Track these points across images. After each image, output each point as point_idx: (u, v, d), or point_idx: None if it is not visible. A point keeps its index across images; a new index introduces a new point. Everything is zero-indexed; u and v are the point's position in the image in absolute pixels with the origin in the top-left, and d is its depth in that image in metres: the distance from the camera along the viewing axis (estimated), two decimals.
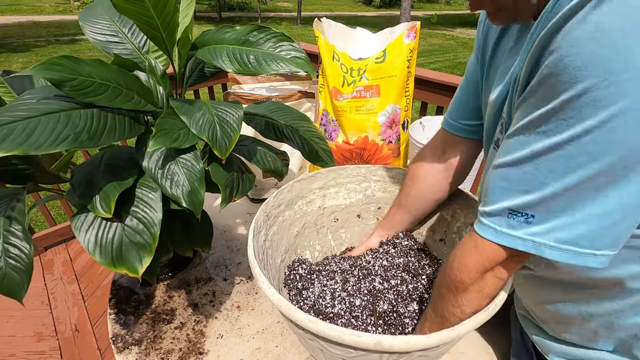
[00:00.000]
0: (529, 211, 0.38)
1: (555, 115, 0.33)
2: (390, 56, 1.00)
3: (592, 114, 0.31)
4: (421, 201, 0.74)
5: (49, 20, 11.38)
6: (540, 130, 0.35)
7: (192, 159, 0.60)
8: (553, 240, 0.37)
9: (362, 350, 0.44)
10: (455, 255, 0.48)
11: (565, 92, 0.32)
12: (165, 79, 0.68)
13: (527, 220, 0.38)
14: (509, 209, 0.39)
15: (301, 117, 0.85)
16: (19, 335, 1.23)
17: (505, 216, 0.40)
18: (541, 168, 0.36)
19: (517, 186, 0.38)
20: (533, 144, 0.36)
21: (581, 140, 0.32)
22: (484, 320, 0.46)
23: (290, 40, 0.68)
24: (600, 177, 0.33)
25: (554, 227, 0.37)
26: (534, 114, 0.35)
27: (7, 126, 0.46)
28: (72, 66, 0.52)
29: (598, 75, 0.29)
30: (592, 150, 0.32)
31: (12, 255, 0.55)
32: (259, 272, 0.53)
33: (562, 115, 0.33)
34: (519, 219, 0.39)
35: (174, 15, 0.61)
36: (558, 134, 0.33)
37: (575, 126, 0.32)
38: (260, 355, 0.69)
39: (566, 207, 0.36)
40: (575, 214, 0.35)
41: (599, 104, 0.30)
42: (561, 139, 0.33)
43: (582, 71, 0.30)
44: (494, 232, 0.41)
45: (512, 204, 0.39)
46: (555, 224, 0.37)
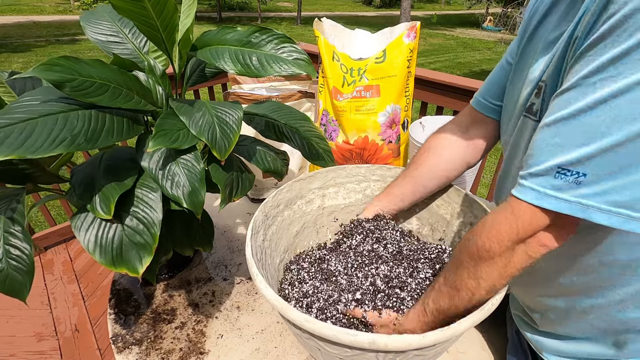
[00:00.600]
0: (581, 169, 0.33)
1: (628, 56, 0.30)
2: (390, 56, 1.00)
3: None
4: (431, 175, 0.70)
5: (49, 20, 11.39)
6: (607, 75, 0.31)
7: (193, 159, 0.60)
8: (605, 202, 0.33)
9: (358, 349, 0.45)
10: (487, 222, 0.44)
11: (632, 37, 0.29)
12: (165, 79, 0.68)
13: (577, 180, 0.34)
14: (558, 166, 0.35)
15: (301, 117, 0.85)
16: (19, 335, 1.23)
17: (552, 175, 0.35)
18: (604, 116, 0.32)
19: (571, 140, 0.34)
20: (597, 91, 0.32)
21: None
22: (480, 319, 0.46)
23: (292, 41, 0.68)
24: None
25: (607, 188, 0.33)
26: (598, 60, 0.32)
27: (4, 129, 0.46)
28: (72, 67, 0.52)
29: None
30: None
31: (13, 256, 0.55)
32: (256, 272, 0.53)
33: (628, 61, 0.29)
34: (567, 179, 0.34)
35: (174, 15, 0.61)
36: (629, 75, 0.30)
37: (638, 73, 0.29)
38: (260, 355, 0.69)
39: (625, 164, 0.32)
40: (633, 173, 0.32)
41: None
42: (633, 80, 0.30)
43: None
44: (537, 195, 0.37)
45: (563, 160, 0.34)
46: (608, 185, 0.33)
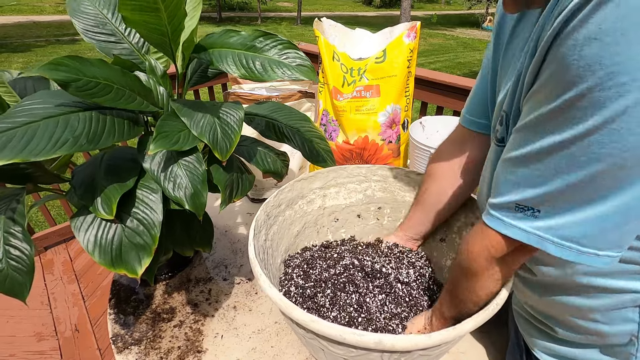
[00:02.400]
0: (535, 206, 0.38)
1: (561, 114, 0.33)
2: (390, 56, 1.00)
3: (595, 114, 0.30)
4: (441, 199, 0.71)
5: (49, 20, 11.39)
6: (547, 128, 0.35)
7: (195, 161, 0.60)
8: (556, 236, 0.37)
9: (363, 349, 0.45)
10: (465, 243, 0.49)
11: (569, 91, 0.32)
12: (166, 80, 0.68)
13: (534, 214, 0.38)
14: (516, 202, 0.40)
15: (301, 117, 0.85)
16: (19, 335, 1.23)
17: (513, 209, 0.40)
18: (547, 165, 0.36)
19: (525, 181, 0.39)
20: (539, 141, 0.36)
21: (584, 141, 0.32)
22: (485, 319, 0.46)
23: (295, 47, 0.69)
24: (603, 178, 0.33)
25: (558, 224, 0.37)
26: (540, 110, 0.35)
27: (6, 133, 0.46)
28: (77, 67, 0.52)
29: (601, 75, 0.29)
30: (595, 151, 0.32)
31: (13, 256, 0.55)
32: (260, 272, 0.53)
33: (567, 114, 0.32)
34: (525, 212, 0.39)
35: (183, 19, 0.61)
36: (563, 132, 0.33)
37: (579, 125, 0.32)
38: (257, 355, 0.69)
39: (569, 205, 0.36)
40: (578, 212, 0.35)
41: (602, 104, 0.30)
42: (565, 137, 0.33)
43: (586, 71, 0.30)
44: (502, 224, 0.42)
45: (519, 198, 0.39)
46: (559, 221, 0.37)
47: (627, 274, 0.43)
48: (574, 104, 0.32)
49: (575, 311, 0.49)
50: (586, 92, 0.30)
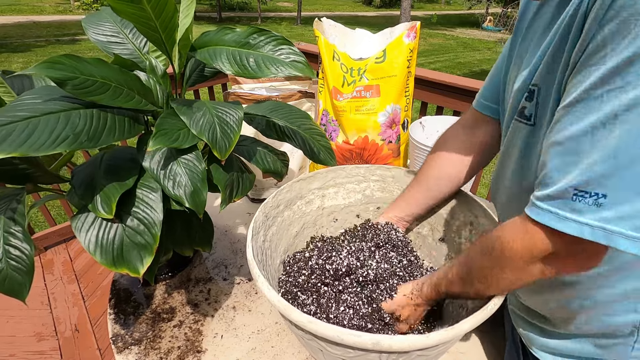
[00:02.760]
0: (601, 189, 0.31)
1: (632, 65, 0.27)
2: (390, 56, 1.00)
3: None
4: (441, 182, 0.70)
5: (49, 20, 11.39)
6: (614, 86, 0.29)
7: (194, 159, 0.60)
8: (630, 227, 0.30)
9: (361, 350, 0.45)
10: (504, 234, 0.41)
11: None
12: (166, 79, 0.68)
13: (597, 202, 0.31)
14: (575, 187, 0.32)
15: (302, 115, 0.85)
16: (19, 335, 1.23)
17: (570, 197, 0.32)
18: (617, 131, 0.29)
19: (586, 158, 0.31)
20: (606, 104, 0.30)
21: None
22: (483, 319, 0.46)
23: (290, 43, 0.68)
24: None
25: (633, 211, 0.30)
26: (602, 70, 0.30)
27: (6, 127, 0.46)
28: (74, 65, 0.52)
29: None
30: None
31: (13, 256, 0.55)
32: (258, 273, 0.53)
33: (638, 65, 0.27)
34: (586, 201, 0.31)
35: (174, 16, 0.61)
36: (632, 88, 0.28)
37: None
38: (256, 355, 0.69)
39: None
40: None
41: None
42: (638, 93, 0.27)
43: None
44: (555, 217, 0.34)
45: (580, 180, 0.32)
46: (634, 208, 0.30)
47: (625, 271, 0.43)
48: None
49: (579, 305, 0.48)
50: None
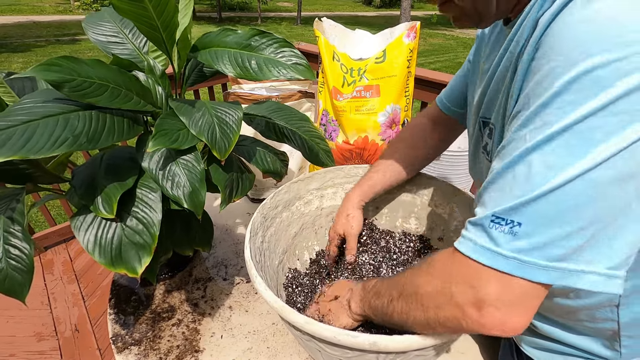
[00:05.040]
0: (516, 217, 0.31)
1: (551, 105, 0.29)
2: (390, 56, 1.00)
3: (592, 94, 0.27)
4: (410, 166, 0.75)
5: (49, 20, 11.39)
6: (534, 126, 0.31)
7: (193, 159, 0.60)
8: (544, 257, 0.31)
9: (359, 350, 0.45)
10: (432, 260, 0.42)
11: (561, 77, 0.29)
12: (164, 79, 0.68)
13: (512, 231, 0.32)
14: (493, 214, 0.33)
15: (301, 118, 0.85)
16: (19, 335, 1.23)
17: (487, 224, 0.33)
18: (534, 165, 0.31)
19: (507, 190, 0.33)
20: (527, 142, 0.31)
21: (581, 126, 0.28)
22: None
23: (291, 46, 0.68)
24: (603, 171, 0.28)
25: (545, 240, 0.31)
26: (528, 112, 0.32)
27: (6, 131, 0.46)
28: (71, 67, 0.52)
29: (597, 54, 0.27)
30: (594, 137, 0.28)
31: (13, 256, 0.55)
32: (255, 274, 0.53)
33: (558, 102, 0.29)
34: (502, 228, 0.32)
35: (174, 15, 0.61)
36: (554, 124, 0.29)
37: (574, 112, 0.28)
38: (252, 355, 0.69)
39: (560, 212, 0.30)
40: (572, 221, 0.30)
41: (600, 84, 0.27)
42: (557, 128, 0.29)
43: (578, 51, 0.28)
44: (472, 246, 0.34)
45: (498, 209, 0.33)
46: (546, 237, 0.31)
47: None
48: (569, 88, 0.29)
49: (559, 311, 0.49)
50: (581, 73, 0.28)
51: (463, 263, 0.35)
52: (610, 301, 0.44)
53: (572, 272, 0.31)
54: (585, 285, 0.31)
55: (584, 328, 0.48)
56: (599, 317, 0.46)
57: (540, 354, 0.54)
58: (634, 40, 0.26)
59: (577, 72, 0.28)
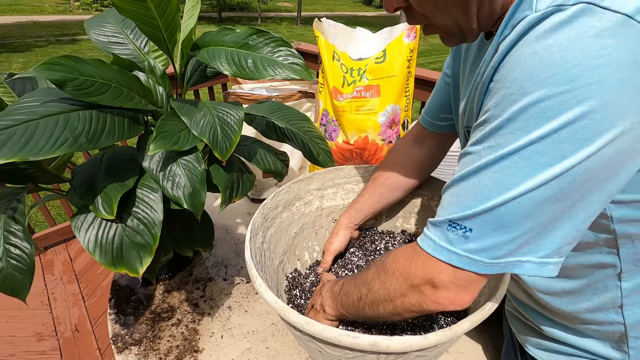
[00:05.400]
0: (468, 224, 0.37)
1: (504, 128, 0.33)
2: (390, 56, 1.00)
3: (538, 124, 0.31)
4: (398, 188, 0.76)
5: (49, 20, 11.39)
6: (489, 144, 0.35)
7: (194, 160, 0.60)
8: (488, 257, 0.37)
9: (359, 351, 0.45)
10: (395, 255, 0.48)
11: (514, 104, 0.32)
12: (165, 79, 0.68)
13: (465, 235, 0.37)
14: (449, 220, 0.38)
15: (302, 118, 0.85)
16: (19, 335, 1.23)
17: (445, 228, 0.39)
18: (485, 180, 0.35)
19: (462, 199, 0.38)
20: (482, 158, 0.36)
21: (525, 151, 0.32)
22: (481, 319, 0.46)
23: (289, 45, 0.68)
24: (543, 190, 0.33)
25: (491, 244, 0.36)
26: (485, 129, 0.36)
27: (5, 131, 0.46)
28: (73, 66, 0.52)
29: (544, 86, 0.30)
30: (537, 161, 0.32)
31: (14, 255, 0.55)
32: (255, 274, 0.53)
33: (510, 127, 0.33)
34: (457, 232, 0.38)
35: (176, 15, 0.61)
36: (505, 146, 0.33)
37: (522, 137, 0.32)
38: (252, 355, 0.69)
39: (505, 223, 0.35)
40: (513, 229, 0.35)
41: (545, 115, 0.30)
42: (508, 150, 0.33)
43: (530, 83, 0.31)
44: (433, 245, 0.41)
45: (454, 216, 0.38)
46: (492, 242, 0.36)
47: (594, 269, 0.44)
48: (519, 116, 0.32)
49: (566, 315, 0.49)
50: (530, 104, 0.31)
51: (424, 258, 0.42)
52: (613, 302, 0.44)
53: (511, 263, 0.37)
54: (522, 271, 0.37)
55: (591, 331, 0.49)
56: (604, 320, 0.46)
57: (546, 355, 0.55)
58: (576, 75, 0.29)
59: (526, 103, 0.31)
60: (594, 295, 0.45)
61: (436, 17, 0.42)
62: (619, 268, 0.42)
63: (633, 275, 0.42)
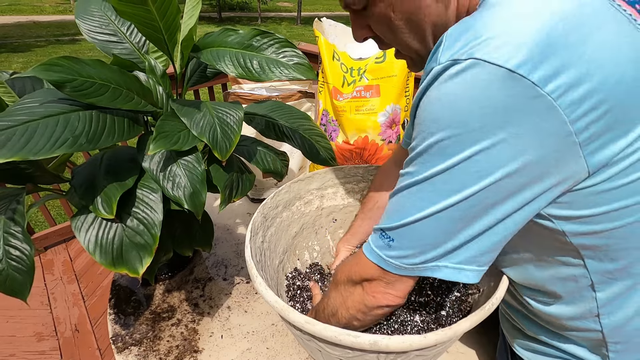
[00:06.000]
0: (392, 235, 0.43)
1: (418, 158, 0.39)
2: (391, 56, 1.00)
3: (441, 159, 0.37)
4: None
5: (49, 20, 11.38)
6: (410, 170, 0.41)
7: (194, 160, 0.60)
8: (407, 263, 0.42)
9: (359, 350, 0.45)
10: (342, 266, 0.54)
11: (425, 140, 0.38)
12: (165, 79, 0.68)
13: (389, 244, 0.44)
14: (380, 229, 0.45)
15: (302, 116, 0.85)
16: (19, 335, 1.23)
17: (378, 235, 0.45)
18: (405, 199, 0.42)
19: (389, 213, 0.44)
20: (405, 180, 0.42)
21: (433, 180, 0.38)
22: (480, 319, 0.46)
23: (293, 46, 0.68)
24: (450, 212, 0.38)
25: (407, 254, 0.42)
26: (410, 156, 0.41)
27: (6, 131, 0.46)
28: (72, 67, 0.52)
29: (445, 128, 0.35)
30: (443, 188, 0.38)
31: (13, 256, 0.55)
32: (255, 274, 0.53)
33: (422, 158, 0.39)
34: (384, 240, 0.44)
35: (177, 16, 0.61)
36: (420, 173, 0.39)
37: (430, 169, 0.38)
38: (252, 355, 0.69)
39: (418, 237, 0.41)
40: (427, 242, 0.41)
41: (446, 152, 0.36)
42: (420, 178, 0.39)
43: (434, 124, 0.36)
44: (368, 248, 0.47)
45: (383, 226, 0.44)
46: (408, 252, 0.42)
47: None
48: (428, 150, 0.38)
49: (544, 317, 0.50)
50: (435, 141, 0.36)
51: (363, 259, 0.48)
52: (589, 312, 0.45)
53: (429, 268, 0.42)
54: (440, 275, 0.42)
55: (573, 336, 0.49)
56: (582, 327, 0.47)
57: (532, 355, 0.55)
58: (467, 121, 0.34)
59: (433, 140, 0.37)
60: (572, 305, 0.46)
61: (400, 45, 0.48)
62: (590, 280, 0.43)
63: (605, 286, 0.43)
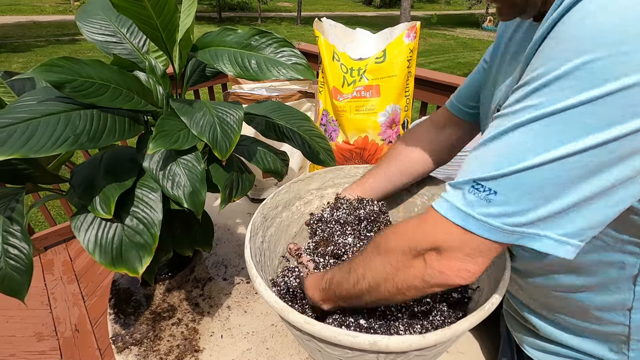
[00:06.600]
0: (493, 186, 0.34)
1: (551, 85, 0.30)
2: (390, 56, 1.00)
3: (590, 84, 0.28)
4: (407, 172, 0.72)
5: (49, 20, 11.39)
6: (530, 103, 0.32)
7: (194, 159, 0.60)
8: (510, 224, 0.34)
9: (359, 350, 0.45)
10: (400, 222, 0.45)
11: (563, 64, 0.29)
12: (165, 79, 0.68)
13: (487, 198, 0.34)
14: (474, 180, 0.35)
15: (302, 117, 0.85)
16: (19, 335, 1.23)
17: (467, 190, 0.35)
18: (521, 140, 0.32)
19: (491, 159, 0.34)
20: (520, 116, 0.32)
21: (576, 111, 0.29)
22: (480, 319, 0.46)
23: (291, 45, 0.68)
24: (584, 157, 0.29)
25: (515, 210, 0.33)
26: (528, 88, 0.32)
27: (7, 129, 0.46)
28: (72, 67, 0.52)
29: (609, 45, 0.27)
30: (579, 126, 0.29)
31: (12, 255, 0.55)
32: (255, 274, 0.53)
33: (559, 85, 0.30)
34: (479, 194, 0.34)
35: (174, 15, 0.61)
36: (550, 104, 0.30)
37: (572, 97, 0.29)
38: (252, 356, 0.69)
39: (534, 188, 0.32)
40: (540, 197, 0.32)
41: (597, 76, 0.27)
42: (552, 109, 0.30)
43: (594, 41, 0.28)
44: (448, 206, 0.37)
45: (479, 175, 0.35)
46: (516, 208, 0.33)
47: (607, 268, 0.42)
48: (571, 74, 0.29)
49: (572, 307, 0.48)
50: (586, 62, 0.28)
51: (434, 221, 0.38)
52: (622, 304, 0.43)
53: (528, 235, 0.34)
54: (536, 246, 0.34)
55: (591, 331, 0.48)
56: (609, 320, 0.45)
57: (542, 355, 0.54)
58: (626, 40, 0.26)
59: (585, 60, 0.28)
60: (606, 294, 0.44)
61: None
62: (637, 270, 0.40)
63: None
